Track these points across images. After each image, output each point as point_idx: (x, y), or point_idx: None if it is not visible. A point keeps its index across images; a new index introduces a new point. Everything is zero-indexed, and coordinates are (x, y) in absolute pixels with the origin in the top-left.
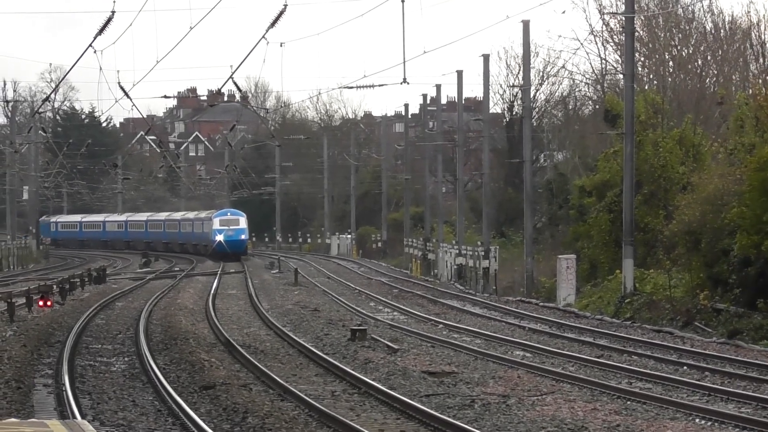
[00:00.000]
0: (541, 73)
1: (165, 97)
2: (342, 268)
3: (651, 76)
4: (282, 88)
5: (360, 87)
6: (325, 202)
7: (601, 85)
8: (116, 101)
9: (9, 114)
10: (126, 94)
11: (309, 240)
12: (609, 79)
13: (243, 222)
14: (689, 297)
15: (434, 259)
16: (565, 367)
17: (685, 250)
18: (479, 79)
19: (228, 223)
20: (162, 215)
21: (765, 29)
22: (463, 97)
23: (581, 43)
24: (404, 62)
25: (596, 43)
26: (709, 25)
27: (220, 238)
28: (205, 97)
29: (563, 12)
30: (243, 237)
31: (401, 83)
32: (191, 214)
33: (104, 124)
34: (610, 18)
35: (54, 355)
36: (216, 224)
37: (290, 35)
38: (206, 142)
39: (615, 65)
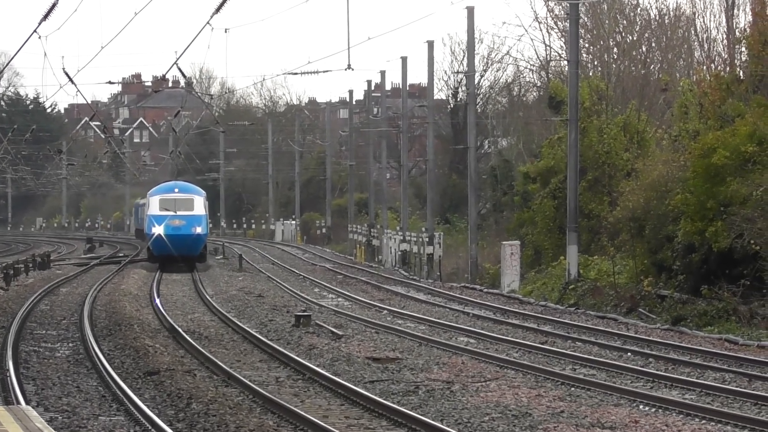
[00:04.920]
0: (485, 60)
1: (109, 83)
2: (286, 254)
3: (595, 63)
4: (226, 74)
5: (304, 73)
6: (269, 188)
7: (546, 72)
8: (61, 87)
9: None
10: (70, 79)
11: (253, 226)
12: (553, 65)
13: (199, 204)
14: (633, 283)
15: (378, 246)
16: (509, 354)
17: (629, 236)
18: (424, 65)
19: (174, 206)
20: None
21: (709, 16)
22: (408, 84)
23: (526, 30)
24: (349, 49)
25: (541, 30)
26: (653, 12)
27: (158, 230)
28: (149, 83)
29: None
30: (198, 230)
31: (346, 69)
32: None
33: (49, 110)
34: (555, 4)
35: None
36: (154, 207)
37: (235, 21)
38: (151, 128)
39: (559, 52)
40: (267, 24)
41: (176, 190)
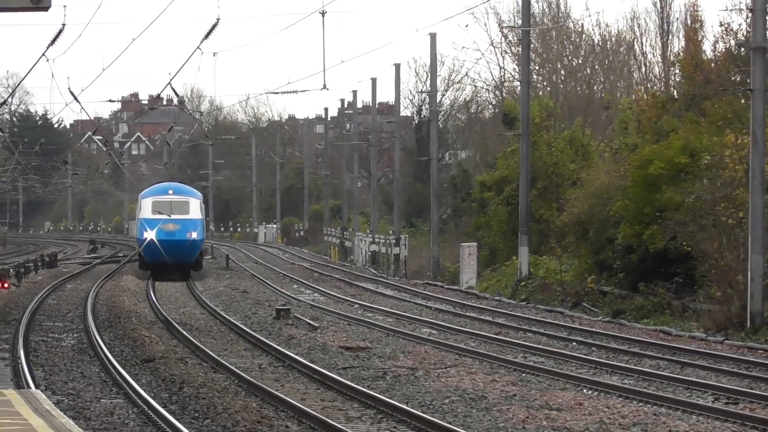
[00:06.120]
0: (446, 81)
1: (110, 101)
2: (268, 254)
3: (545, 83)
4: (215, 93)
5: (285, 92)
6: (253, 196)
7: (500, 91)
8: (66, 105)
9: None
10: (75, 98)
11: (239, 229)
12: (507, 85)
13: (195, 207)
14: (578, 280)
15: (351, 247)
16: (467, 343)
17: (574, 238)
18: (391, 85)
19: (168, 209)
20: None
21: (646, 42)
22: (377, 102)
23: (482, 54)
24: (324, 70)
25: (496, 54)
26: (596, 38)
27: (150, 235)
28: (146, 101)
29: (466, 26)
30: (194, 235)
31: (321, 89)
32: None
33: (56, 125)
34: (509, 31)
35: (10, 332)
36: (146, 210)
37: (222, 46)
38: (147, 142)
39: (513, 73)
40: (251, 48)
41: (170, 191)
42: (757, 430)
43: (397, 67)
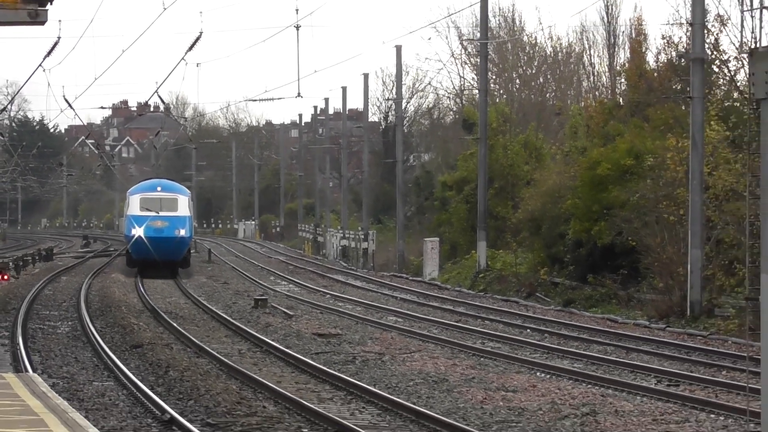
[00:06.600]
0: (411, 89)
1: (102, 107)
2: (247, 248)
3: (501, 92)
4: (198, 100)
5: (262, 100)
6: (233, 195)
7: (460, 99)
8: (62, 111)
9: None
10: (70, 105)
11: (220, 225)
12: (466, 93)
13: (183, 204)
14: (532, 272)
15: (323, 241)
16: (429, 330)
17: (528, 234)
18: (360, 93)
19: (157, 206)
20: None
21: (594, 53)
22: (347, 108)
23: (444, 64)
24: (299, 79)
25: (456, 64)
26: (549, 50)
27: (138, 232)
28: (134, 108)
29: (429, 39)
30: (182, 232)
31: (296, 97)
32: None
33: (52, 130)
34: (468, 43)
35: (10, 320)
36: (134, 206)
37: (205, 57)
38: (136, 146)
39: (472, 82)
40: (231, 59)
41: (159, 188)
42: (696, 409)
43: (366, 76)
